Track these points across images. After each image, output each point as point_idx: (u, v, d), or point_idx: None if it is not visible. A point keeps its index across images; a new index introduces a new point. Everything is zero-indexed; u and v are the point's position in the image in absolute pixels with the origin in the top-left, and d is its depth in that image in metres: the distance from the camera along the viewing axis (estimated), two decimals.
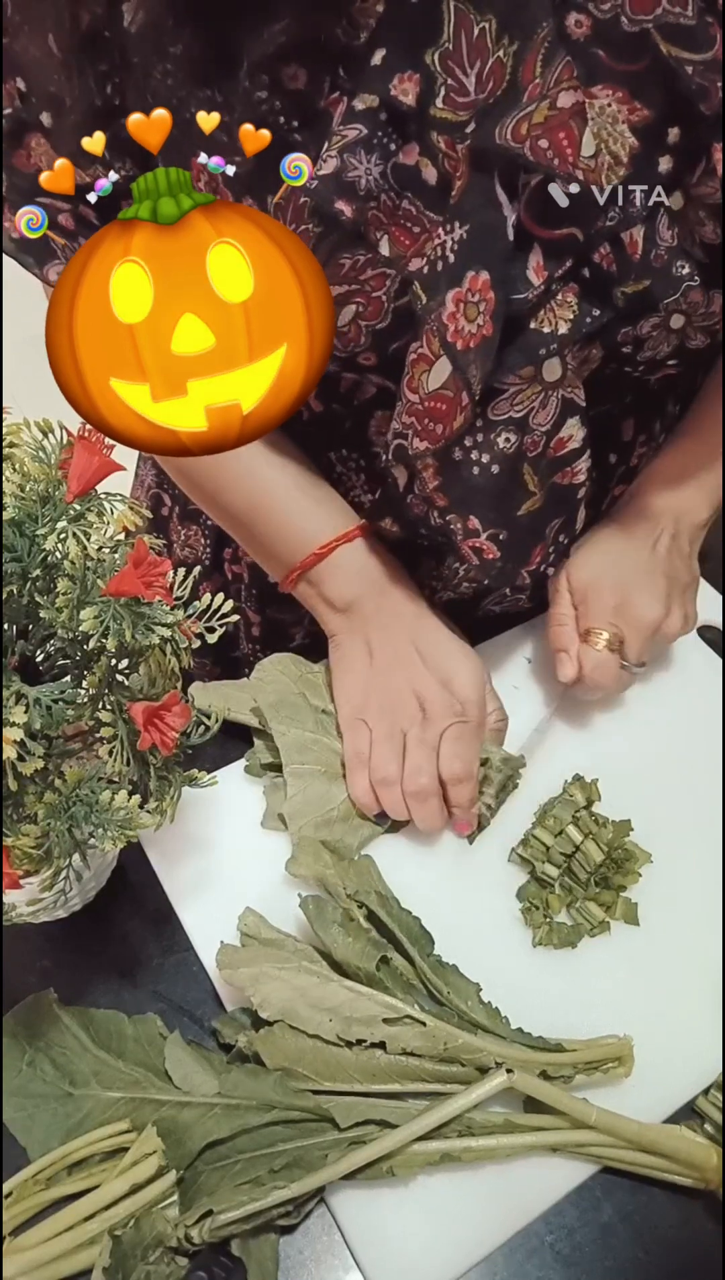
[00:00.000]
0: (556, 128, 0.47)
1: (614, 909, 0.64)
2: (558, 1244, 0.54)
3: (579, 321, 0.53)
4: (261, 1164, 0.53)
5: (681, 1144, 0.54)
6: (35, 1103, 0.56)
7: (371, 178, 0.50)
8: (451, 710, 0.67)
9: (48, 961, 0.63)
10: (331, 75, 0.49)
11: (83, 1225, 0.52)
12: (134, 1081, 0.57)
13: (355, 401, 0.67)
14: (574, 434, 0.59)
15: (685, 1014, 0.61)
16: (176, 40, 0.49)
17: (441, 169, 0.50)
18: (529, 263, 0.51)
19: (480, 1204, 0.54)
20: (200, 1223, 0.51)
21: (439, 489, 0.60)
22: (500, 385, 0.55)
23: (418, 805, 0.66)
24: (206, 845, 0.68)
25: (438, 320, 0.52)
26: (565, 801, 0.68)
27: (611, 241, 0.52)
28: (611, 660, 0.70)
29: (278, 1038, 0.55)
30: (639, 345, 0.58)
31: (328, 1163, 0.53)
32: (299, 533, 0.69)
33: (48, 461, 0.49)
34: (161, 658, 0.51)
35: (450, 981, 0.58)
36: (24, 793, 0.48)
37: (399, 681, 0.68)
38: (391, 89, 0.48)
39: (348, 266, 0.53)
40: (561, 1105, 0.54)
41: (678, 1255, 0.54)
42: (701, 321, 0.56)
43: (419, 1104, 0.55)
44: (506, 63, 0.47)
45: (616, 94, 0.48)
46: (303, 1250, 0.54)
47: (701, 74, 0.47)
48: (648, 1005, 0.61)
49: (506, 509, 0.61)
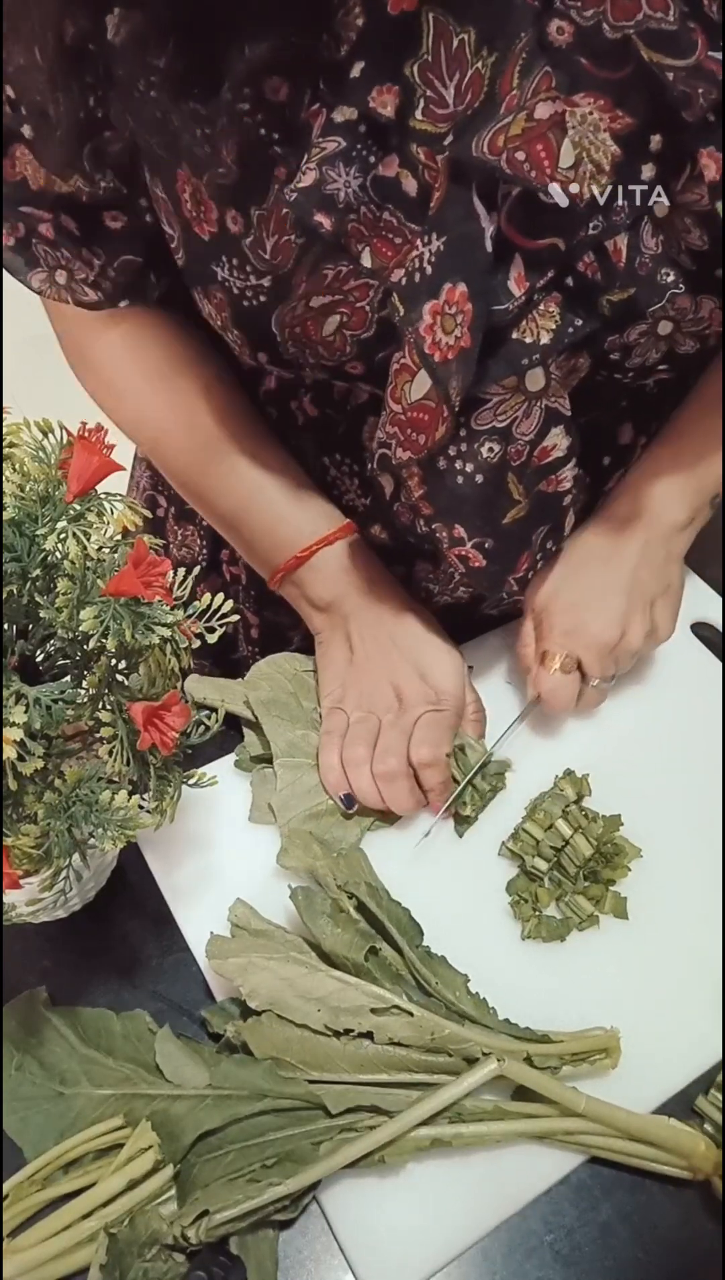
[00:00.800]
0: (534, 139, 0.47)
1: (603, 903, 0.65)
2: (557, 1244, 0.54)
3: (561, 331, 0.53)
4: (254, 1154, 0.54)
5: (669, 1133, 0.55)
6: (27, 1105, 0.56)
7: (351, 190, 0.50)
8: (427, 699, 0.68)
9: (47, 961, 0.63)
10: (313, 88, 0.49)
11: (80, 1224, 0.52)
12: (124, 1078, 0.57)
13: (348, 406, 0.67)
14: (558, 443, 0.59)
15: (673, 1007, 0.61)
16: (160, 53, 0.49)
17: (422, 181, 0.50)
18: (510, 273, 0.51)
19: (469, 1191, 0.55)
20: (196, 1222, 0.51)
21: (424, 498, 0.60)
22: (483, 395, 0.55)
23: (386, 786, 0.66)
24: (199, 839, 0.68)
25: (415, 332, 0.52)
26: (555, 796, 0.68)
27: (595, 250, 0.52)
28: (568, 682, 0.70)
29: (266, 1027, 0.56)
30: (627, 352, 0.58)
31: (321, 1152, 0.53)
32: (283, 535, 0.70)
33: (48, 461, 0.49)
34: (161, 658, 0.51)
35: (438, 972, 0.59)
36: (24, 793, 0.48)
37: (377, 673, 0.69)
38: (370, 101, 0.48)
39: (331, 277, 0.53)
40: (551, 1093, 0.55)
41: (678, 1255, 0.54)
42: (691, 327, 0.56)
43: (410, 1091, 0.56)
44: (485, 74, 0.47)
45: (599, 102, 0.48)
46: (302, 1249, 0.54)
47: (684, 80, 0.46)
48: (635, 998, 0.61)
49: (492, 517, 0.61)
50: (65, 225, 0.59)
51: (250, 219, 0.52)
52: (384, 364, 0.56)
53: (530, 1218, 0.55)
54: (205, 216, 0.54)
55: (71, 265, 0.61)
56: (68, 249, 0.61)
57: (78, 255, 0.61)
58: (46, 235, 0.60)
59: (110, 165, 0.56)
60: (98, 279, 0.62)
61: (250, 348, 0.59)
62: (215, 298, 0.57)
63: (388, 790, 0.67)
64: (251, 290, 0.55)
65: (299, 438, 0.71)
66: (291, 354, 0.58)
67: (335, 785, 0.68)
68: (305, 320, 0.55)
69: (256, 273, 0.54)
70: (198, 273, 0.57)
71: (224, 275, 0.55)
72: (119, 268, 0.62)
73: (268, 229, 0.52)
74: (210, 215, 0.54)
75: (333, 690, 0.70)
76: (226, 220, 0.53)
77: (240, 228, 0.53)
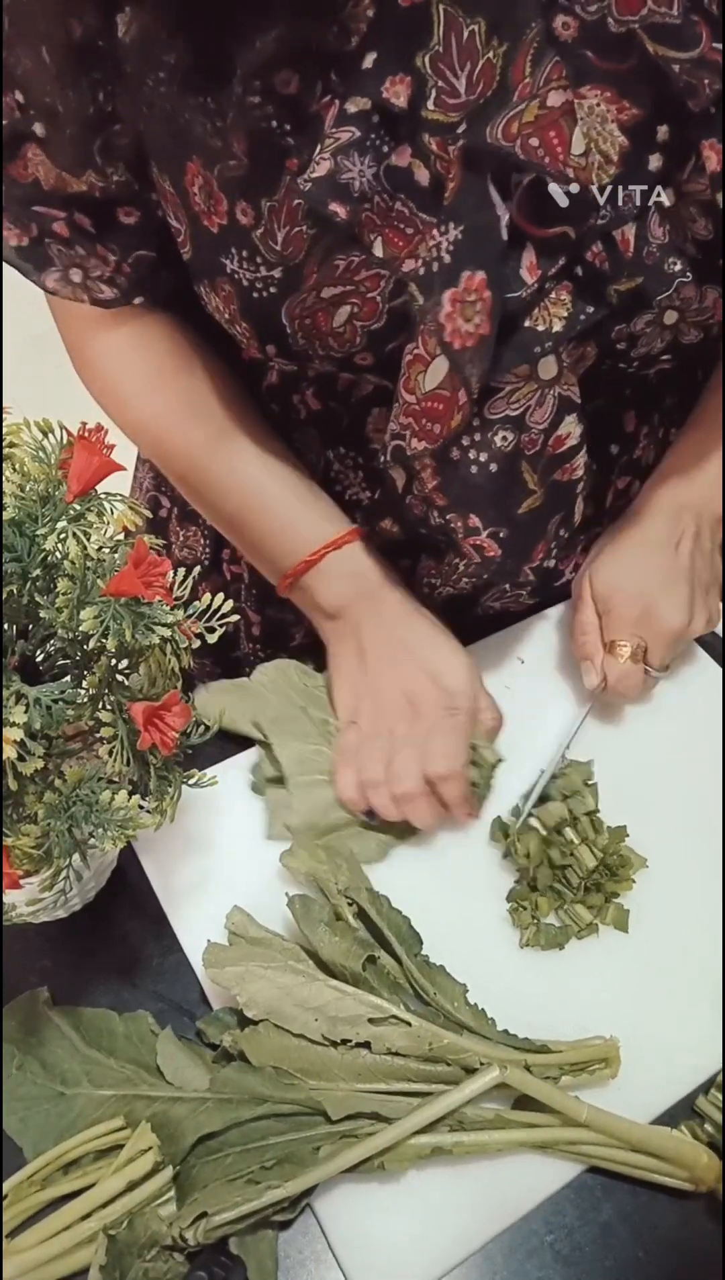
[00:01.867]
0: (547, 126, 0.47)
1: (604, 913, 0.64)
2: (557, 1244, 0.54)
3: (573, 319, 0.54)
4: (253, 1157, 0.53)
5: (670, 1143, 0.54)
6: (27, 1105, 0.56)
7: (365, 180, 0.50)
8: (440, 703, 0.67)
9: (48, 961, 0.63)
10: (323, 79, 0.49)
11: (80, 1224, 0.52)
12: (125, 1079, 0.57)
13: (352, 399, 0.67)
14: (571, 431, 0.59)
15: (672, 1016, 0.61)
16: (170, 49, 0.50)
17: (433, 170, 0.50)
18: (522, 261, 0.51)
19: (469, 1200, 0.54)
20: (196, 1224, 0.51)
21: (438, 489, 0.60)
22: (496, 384, 0.55)
23: (406, 806, 0.66)
24: (196, 845, 0.68)
25: (434, 320, 0.52)
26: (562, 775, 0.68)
27: (604, 239, 0.52)
28: (636, 671, 0.70)
29: (263, 1037, 0.55)
30: (633, 342, 0.58)
31: (320, 1156, 0.53)
32: (290, 539, 0.69)
33: (48, 461, 0.49)
34: (161, 658, 0.51)
35: (437, 982, 0.58)
36: (24, 793, 0.48)
37: (388, 681, 0.68)
38: (383, 91, 0.49)
39: (343, 268, 0.54)
40: (553, 1102, 0.54)
41: (678, 1255, 0.54)
42: (695, 317, 0.57)
43: (409, 1099, 0.55)
44: (496, 64, 0.48)
45: (605, 94, 0.49)
46: (302, 1249, 0.54)
47: (689, 72, 0.48)
48: (635, 1007, 0.61)
49: (507, 507, 0.61)
50: (79, 222, 0.60)
51: (261, 210, 0.53)
52: (393, 355, 0.57)
53: (531, 1218, 0.55)
54: (215, 209, 0.54)
55: (87, 262, 0.62)
56: (83, 245, 0.61)
57: (93, 252, 0.61)
58: (61, 234, 0.60)
59: (121, 159, 0.56)
60: (113, 275, 0.62)
61: (259, 340, 0.59)
62: (223, 290, 0.57)
63: (408, 809, 0.66)
64: (262, 282, 0.55)
65: (302, 432, 0.71)
66: (301, 345, 0.58)
67: (354, 805, 0.67)
68: (316, 311, 0.55)
69: (267, 264, 0.54)
70: (205, 265, 0.57)
71: (233, 267, 0.55)
72: (134, 263, 0.62)
73: (279, 220, 0.53)
74: (220, 207, 0.54)
75: (347, 701, 0.70)
76: (236, 212, 0.53)
77: (250, 219, 0.53)
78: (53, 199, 0.58)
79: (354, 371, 0.61)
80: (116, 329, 0.67)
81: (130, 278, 0.62)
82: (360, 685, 0.69)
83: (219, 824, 0.69)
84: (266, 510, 0.69)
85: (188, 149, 0.53)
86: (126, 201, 0.59)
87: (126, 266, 0.62)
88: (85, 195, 0.58)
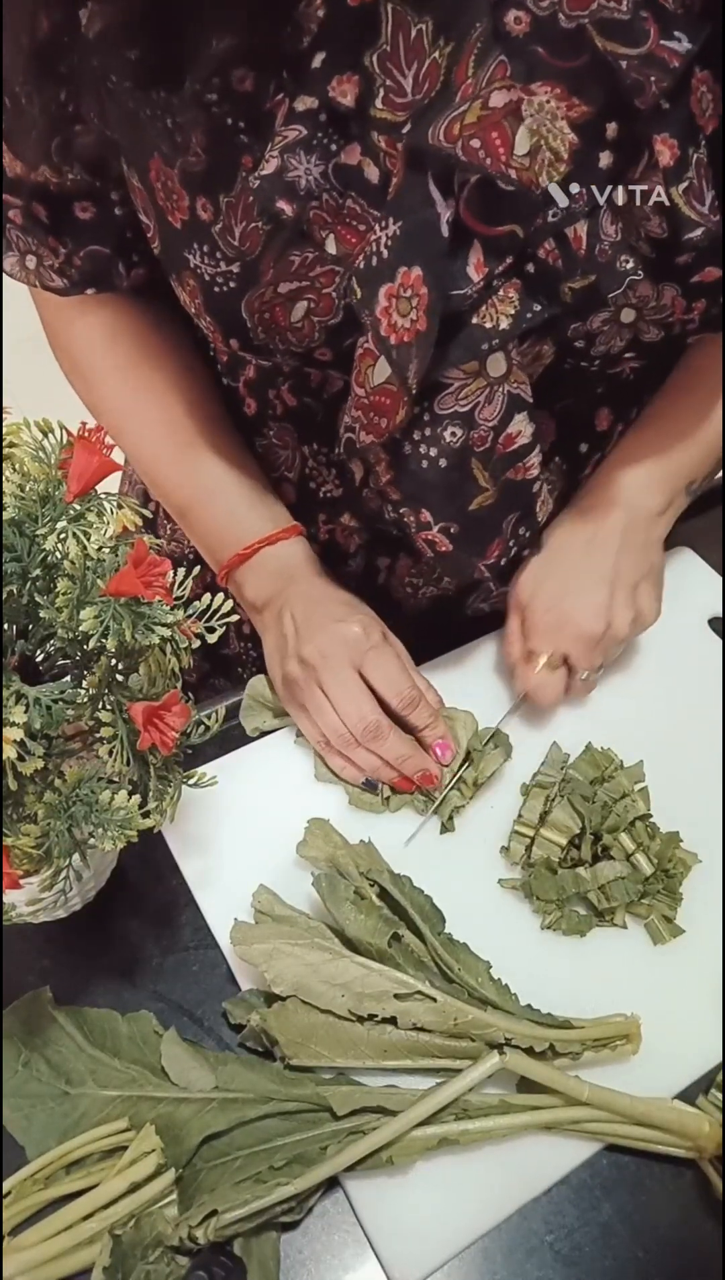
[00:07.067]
0: (489, 127, 0.47)
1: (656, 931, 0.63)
2: (557, 1244, 0.54)
3: (520, 316, 0.54)
4: (261, 1159, 0.53)
5: (673, 1115, 0.55)
6: (32, 1103, 0.56)
7: (311, 178, 0.51)
8: (360, 648, 0.67)
9: (47, 961, 0.63)
10: (277, 78, 0.50)
11: (81, 1224, 0.52)
12: (130, 1079, 0.57)
13: (325, 395, 0.67)
14: (522, 429, 0.59)
15: (693, 992, 0.61)
16: (132, 45, 0.50)
17: (383, 168, 0.51)
18: (469, 259, 0.51)
19: (479, 1184, 0.55)
20: (205, 1222, 0.51)
21: (392, 482, 0.61)
22: (444, 379, 0.55)
23: (380, 744, 0.66)
24: (221, 827, 0.68)
25: (372, 315, 0.53)
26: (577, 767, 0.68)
27: (556, 237, 0.52)
28: (554, 679, 0.70)
29: (290, 1013, 0.56)
30: (591, 340, 0.58)
31: (327, 1155, 0.53)
32: (232, 532, 0.71)
33: (48, 461, 0.49)
34: (161, 658, 0.51)
35: (460, 959, 0.59)
36: (24, 793, 0.48)
37: (312, 649, 0.68)
38: (330, 90, 0.49)
39: (298, 263, 0.54)
40: (555, 1083, 0.55)
41: (678, 1255, 0.54)
42: (654, 315, 0.57)
43: (416, 1089, 0.56)
44: (442, 63, 0.48)
45: (555, 90, 0.49)
46: (303, 1250, 0.54)
47: (636, 68, 0.48)
48: (655, 983, 0.61)
49: (458, 503, 0.61)
50: (35, 213, 0.61)
51: (219, 206, 0.53)
52: (351, 350, 0.57)
53: (531, 1217, 0.55)
54: (177, 204, 0.55)
55: (40, 251, 0.63)
56: (35, 236, 0.62)
57: (44, 243, 0.62)
58: (16, 220, 0.62)
59: (79, 158, 0.57)
60: (63, 266, 0.63)
61: (222, 334, 0.59)
62: (188, 284, 0.58)
63: (385, 748, 0.66)
64: (222, 276, 0.56)
65: (279, 427, 0.72)
66: (261, 340, 0.58)
67: (355, 779, 0.68)
68: (273, 306, 0.56)
69: (226, 259, 0.55)
70: (173, 260, 0.58)
71: (196, 262, 0.56)
72: (85, 257, 0.63)
73: (236, 216, 0.53)
74: (181, 203, 0.55)
75: (281, 689, 0.70)
76: (197, 208, 0.54)
77: (210, 215, 0.54)
78: (16, 188, 0.60)
79: (317, 367, 0.62)
80: (89, 314, 0.69)
81: (81, 270, 0.64)
82: (285, 667, 0.69)
83: (243, 807, 0.69)
84: (217, 502, 0.71)
85: (150, 145, 0.54)
86: (84, 197, 0.60)
87: (78, 260, 0.63)
88: (43, 186, 0.59)
